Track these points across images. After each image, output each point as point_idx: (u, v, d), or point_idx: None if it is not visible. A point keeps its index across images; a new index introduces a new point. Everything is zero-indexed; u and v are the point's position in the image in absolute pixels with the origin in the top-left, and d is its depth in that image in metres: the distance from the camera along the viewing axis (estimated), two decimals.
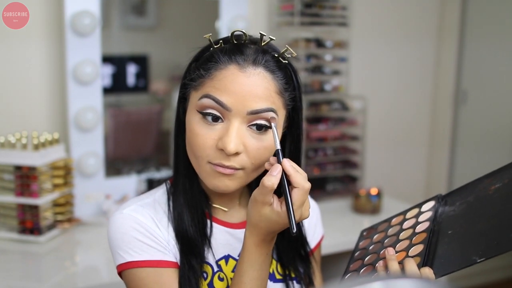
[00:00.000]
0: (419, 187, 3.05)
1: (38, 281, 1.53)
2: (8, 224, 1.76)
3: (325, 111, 2.35)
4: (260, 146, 0.80)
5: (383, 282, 0.51)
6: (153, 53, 2.43)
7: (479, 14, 2.81)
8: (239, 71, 0.79)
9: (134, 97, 2.53)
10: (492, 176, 0.90)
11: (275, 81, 0.81)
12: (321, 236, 1.05)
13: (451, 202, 0.92)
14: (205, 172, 0.82)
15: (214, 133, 0.79)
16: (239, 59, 0.79)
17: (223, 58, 0.80)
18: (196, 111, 0.81)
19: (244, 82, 0.78)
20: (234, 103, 0.78)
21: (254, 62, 0.80)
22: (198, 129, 0.80)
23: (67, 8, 1.88)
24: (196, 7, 2.46)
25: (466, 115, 2.91)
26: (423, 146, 3.02)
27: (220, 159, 0.79)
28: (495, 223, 0.76)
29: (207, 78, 0.80)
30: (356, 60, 2.58)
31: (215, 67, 0.80)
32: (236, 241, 0.91)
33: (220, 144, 0.78)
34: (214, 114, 0.79)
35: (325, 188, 2.36)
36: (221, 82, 0.78)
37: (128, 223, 0.84)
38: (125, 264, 0.83)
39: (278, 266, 0.93)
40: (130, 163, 2.43)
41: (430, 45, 2.92)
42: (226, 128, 0.79)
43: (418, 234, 0.87)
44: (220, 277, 0.88)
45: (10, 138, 1.74)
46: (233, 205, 0.94)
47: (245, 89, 0.78)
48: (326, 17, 2.33)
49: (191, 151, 0.83)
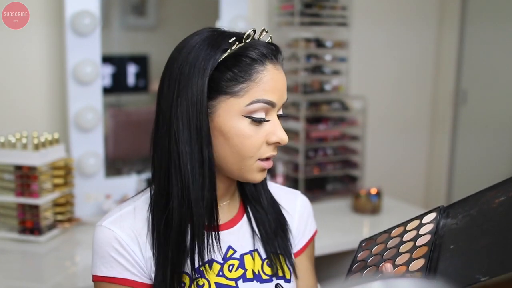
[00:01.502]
0: (419, 187, 3.05)
1: (38, 281, 1.53)
2: (8, 224, 1.76)
3: (325, 111, 2.35)
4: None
5: (383, 282, 0.51)
6: (153, 53, 2.43)
7: (479, 15, 2.81)
8: (275, 68, 0.84)
9: (134, 97, 2.53)
10: (495, 188, 0.87)
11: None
12: (313, 231, 1.05)
13: (453, 214, 0.90)
14: (252, 169, 0.85)
15: (262, 132, 0.84)
16: (271, 57, 0.84)
17: (260, 59, 0.82)
18: (242, 117, 0.81)
19: (280, 77, 0.84)
20: (278, 99, 0.84)
21: (277, 58, 0.85)
22: (248, 132, 0.82)
23: (67, 8, 1.88)
24: (196, 7, 2.46)
25: (466, 115, 2.91)
26: (423, 146, 3.02)
27: (271, 152, 0.85)
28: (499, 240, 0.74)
29: (251, 83, 0.81)
30: (356, 60, 2.58)
31: (256, 70, 0.81)
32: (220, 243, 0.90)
33: (275, 138, 0.84)
34: (263, 118, 0.83)
35: (325, 188, 2.36)
36: (268, 83, 0.82)
37: (104, 238, 0.85)
38: (95, 276, 0.87)
39: (265, 265, 0.92)
40: (130, 163, 2.43)
41: (430, 45, 2.92)
42: (272, 123, 0.84)
43: (419, 248, 0.85)
44: (199, 284, 0.86)
45: (10, 138, 1.74)
46: (229, 197, 0.95)
47: (281, 84, 0.84)
48: (326, 17, 2.33)
49: (239, 154, 0.82)
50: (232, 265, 0.90)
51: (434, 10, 2.89)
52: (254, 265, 0.91)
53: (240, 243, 0.92)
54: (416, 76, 2.91)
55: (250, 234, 0.94)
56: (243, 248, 0.92)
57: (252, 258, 0.92)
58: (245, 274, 0.90)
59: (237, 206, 0.96)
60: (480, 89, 2.84)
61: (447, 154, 2.96)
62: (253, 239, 0.93)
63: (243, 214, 0.96)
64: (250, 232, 0.94)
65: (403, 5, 2.79)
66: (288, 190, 1.05)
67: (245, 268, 0.90)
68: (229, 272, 0.89)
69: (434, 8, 2.89)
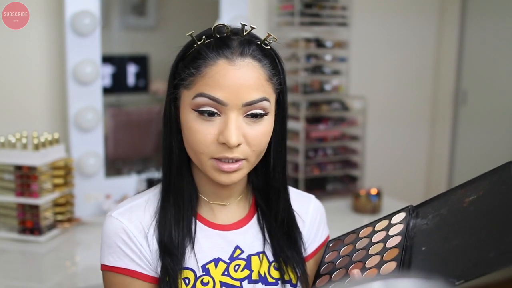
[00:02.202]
0: (419, 187, 3.05)
1: (38, 281, 1.53)
2: (8, 224, 1.76)
3: (325, 111, 2.35)
4: (258, 133, 0.81)
5: (383, 282, 0.51)
6: (153, 53, 2.43)
7: (479, 15, 2.81)
8: (229, 64, 0.79)
9: (134, 97, 2.53)
10: (466, 187, 0.85)
11: (263, 69, 0.82)
12: (325, 237, 1.03)
13: (423, 214, 0.87)
14: (209, 167, 0.82)
15: (213, 128, 0.80)
16: (226, 52, 0.80)
17: (211, 54, 0.80)
18: (191, 110, 0.81)
19: (235, 75, 0.79)
20: (229, 97, 0.78)
21: (242, 54, 0.80)
22: (196, 126, 0.80)
23: (67, 8, 1.88)
24: (196, 7, 2.46)
25: (466, 115, 2.91)
26: (423, 146, 3.02)
27: (223, 152, 0.80)
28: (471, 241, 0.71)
29: (197, 76, 0.80)
30: (356, 60, 2.58)
31: (204, 64, 0.80)
32: (227, 243, 0.90)
33: (222, 138, 0.79)
34: (210, 110, 0.79)
35: (325, 188, 2.36)
36: (213, 78, 0.79)
37: (113, 228, 0.87)
38: (103, 265, 0.88)
39: (272, 268, 0.91)
40: (130, 163, 2.43)
41: (430, 45, 2.92)
42: (224, 122, 0.79)
43: (389, 250, 0.82)
44: (204, 281, 0.86)
45: (10, 138, 1.74)
46: (232, 200, 0.93)
47: (238, 82, 0.79)
48: (326, 17, 2.33)
49: (191, 149, 0.83)
50: (238, 265, 0.89)
51: (434, 10, 2.89)
52: (261, 267, 0.90)
53: (248, 244, 0.91)
54: (416, 76, 2.91)
55: (260, 236, 0.92)
56: (251, 249, 0.91)
57: (260, 260, 0.91)
58: (250, 275, 0.89)
59: (247, 207, 0.95)
60: (480, 89, 2.84)
61: (447, 154, 2.96)
62: (262, 241, 0.92)
63: (253, 215, 0.94)
64: (260, 234, 0.93)
65: (403, 5, 2.79)
66: (302, 194, 1.03)
67: (251, 269, 0.90)
68: (235, 272, 0.89)
69: (434, 8, 2.89)
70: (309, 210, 1.00)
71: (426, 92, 2.96)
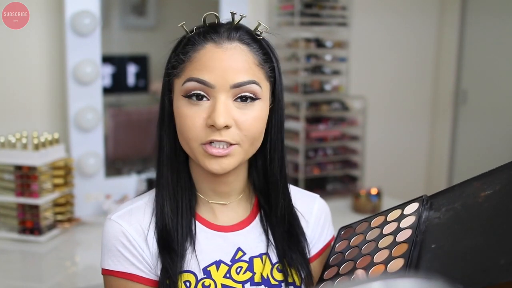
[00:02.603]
0: (419, 187, 3.05)
1: (38, 281, 1.53)
2: (8, 224, 1.76)
3: (325, 111, 2.35)
4: (249, 117, 0.80)
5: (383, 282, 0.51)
6: (153, 53, 2.43)
7: (479, 15, 2.81)
8: (216, 47, 0.80)
9: (134, 97, 2.53)
10: (482, 179, 0.82)
11: (252, 53, 0.82)
12: (330, 237, 1.02)
13: (437, 206, 0.86)
14: (199, 154, 0.81)
15: (202, 112, 0.79)
16: (214, 36, 0.81)
17: (199, 40, 0.81)
18: (182, 97, 0.81)
19: (222, 57, 0.79)
20: (216, 79, 0.78)
21: (229, 37, 0.81)
22: (186, 111, 0.80)
23: (67, 8, 1.88)
24: (196, 7, 2.46)
25: (466, 115, 2.91)
26: (423, 146, 3.02)
27: (212, 135, 0.79)
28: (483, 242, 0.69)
29: (187, 62, 0.81)
30: (356, 60, 2.58)
31: (193, 49, 0.81)
32: (228, 245, 0.89)
33: (210, 121, 0.78)
34: (198, 93, 0.79)
35: (325, 188, 2.36)
36: (200, 62, 0.80)
37: (112, 232, 0.86)
38: (103, 269, 0.87)
39: (275, 270, 0.90)
40: (130, 163, 2.43)
41: (430, 45, 2.92)
42: (213, 105, 0.79)
43: (398, 245, 0.81)
44: (205, 284, 0.85)
45: (10, 138, 1.74)
46: (233, 199, 0.91)
47: (224, 64, 0.79)
48: (326, 17, 2.33)
49: (183, 137, 0.82)
50: (240, 268, 0.88)
51: (434, 10, 2.89)
52: (264, 269, 0.89)
53: (250, 245, 0.89)
54: (416, 76, 2.91)
55: (263, 237, 0.91)
56: (253, 251, 0.89)
57: (262, 262, 0.89)
58: (253, 278, 0.88)
59: (250, 208, 0.93)
60: (480, 89, 2.84)
61: (447, 154, 2.96)
62: (265, 243, 0.90)
63: (255, 216, 0.92)
64: (263, 235, 0.91)
65: (403, 5, 2.79)
66: (306, 194, 1.01)
67: (253, 272, 0.88)
68: (237, 275, 0.87)
69: (434, 8, 2.89)
70: (313, 210, 0.98)
71: (426, 92, 2.96)
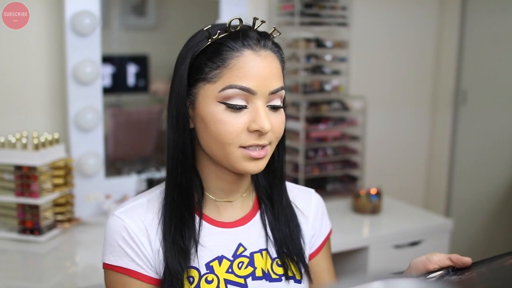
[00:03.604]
0: (419, 187, 3.05)
1: (38, 281, 1.53)
2: (8, 224, 1.76)
3: (325, 111, 2.35)
4: (280, 121, 0.86)
5: (383, 282, 0.51)
6: (153, 53, 2.43)
7: (479, 15, 2.81)
8: (255, 54, 0.82)
9: (134, 97, 2.53)
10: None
11: (279, 60, 0.87)
12: (329, 230, 1.04)
13: (461, 272, 0.82)
14: (237, 157, 0.83)
15: (242, 118, 0.82)
16: (251, 43, 0.83)
17: (236, 46, 0.82)
18: (217, 102, 0.82)
19: (261, 64, 0.82)
20: (258, 86, 0.82)
21: (264, 45, 0.84)
22: (226, 117, 0.82)
23: (67, 8, 1.88)
24: (196, 7, 2.46)
25: (466, 115, 2.91)
26: (423, 146, 3.02)
27: (253, 140, 0.83)
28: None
29: (223, 69, 0.82)
30: (356, 60, 2.58)
31: (231, 56, 0.82)
32: (230, 241, 0.91)
33: (255, 126, 0.82)
34: (241, 105, 0.82)
35: (325, 188, 2.36)
36: (242, 69, 0.81)
37: (115, 227, 0.88)
38: (104, 263, 0.89)
39: (275, 265, 0.92)
40: (130, 163, 2.43)
41: (430, 45, 2.92)
42: (254, 111, 0.82)
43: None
44: (208, 279, 0.87)
45: (10, 138, 1.74)
46: (238, 196, 0.94)
47: (265, 71, 0.82)
48: (326, 17, 2.32)
49: (218, 141, 0.83)
50: (241, 263, 0.90)
51: (434, 10, 2.89)
52: (264, 264, 0.91)
53: (251, 241, 0.92)
54: (416, 76, 2.91)
55: (262, 233, 0.93)
56: (254, 246, 0.92)
57: (262, 257, 0.92)
58: (254, 272, 0.90)
59: (251, 204, 0.96)
60: (480, 89, 2.84)
61: (447, 154, 2.96)
62: (264, 238, 0.93)
63: (256, 212, 0.95)
64: (262, 231, 0.94)
65: (403, 5, 2.79)
66: (302, 189, 1.04)
67: (254, 267, 0.91)
68: (239, 270, 0.89)
69: (434, 8, 2.89)
70: (311, 205, 1.01)
71: (426, 92, 2.96)
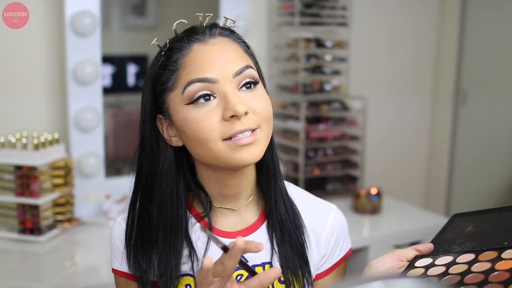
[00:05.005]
0: (419, 187, 3.05)
1: (38, 281, 1.53)
2: (8, 224, 1.76)
3: (325, 111, 2.35)
4: (259, 100, 0.81)
5: (383, 282, 0.51)
6: (153, 53, 2.42)
7: (479, 15, 2.81)
8: (203, 45, 0.80)
9: (134, 97, 2.53)
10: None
11: (236, 43, 0.83)
12: (345, 252, 0.96)
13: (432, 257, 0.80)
14: (224, 152, 0.78)
15: (213, 110, 0.78)
16: (197, 37, 0.81)
17: (183, 44, 0.81)
18: (185, 105, 0.79)
19: (213, 52, 0.80)
20: (217, 73, 0.78)
21: (211, 34, 0.82)
22: (196, 115, 0.78)
23: (67, 8, 1.88)
24: (196, 7, 2.46)
25: (466, 115, 2.91)
26: (423, 146, 3.02)
27: (233, 127, 0.77)
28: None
29: (179, 70, 0.80)
30: (356, 60, 2.58)
31: (181, 55, 0.80)
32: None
33: (228, 113, 0.76)
34: (205, 93, 0.78)
35: (325, 188, 2.36)
36: (194, 63, 0.79)
37: (115, 232, 0.89)
38: (112, 268, 0.91)
39: (276, 281, 0.86)
40: (130, 163, 2.43)
41: (430, 45, 2.92)
42: (223, 98, 0.78)
43: None
44: None
45: (10, 138, 1.74)
46: (241, 203, 0.89)
47: (219, 57, 0.79)
48: (326, 17, 2.32)
49: (200, 142, 0.79)
50: (240, 275, 0.86)
51: (434, 10, 2.89)
52: None
53: (253, 253, 0.85)
54: (416, 76, 2.91)
55: (268, 245, 0.88)
56: (256, 260, 0.87)
57: (264, 271, 0.85)
58: None
59: (257, 214, 0.91)
60: (480, 89, 2.84)
61: (447, 154, 2.96)
62: (270, 251, 0.88)
63: (262, 222, 0.90)
64: (268, 243, 0.88)
65: (403, 5, 2.79)
66: (322, 203, 0.97)
67: None
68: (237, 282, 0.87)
69: (434, 8, 2.89)
70: (327, 222, 0.93)
71: (426, 92, 2.96)
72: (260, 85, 0.83)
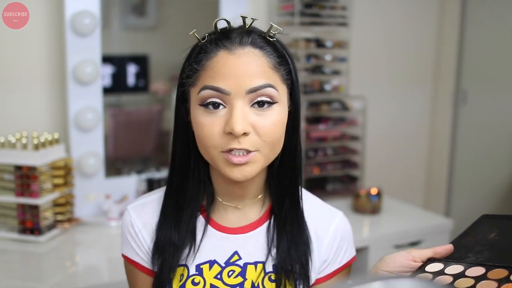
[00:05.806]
0: (419, 187, 3.05)
1: (38, 281, 1.53)
2: (8, 224, 1.76)
3: (325, 111, 2.35)
4: (268, 122, 0.79)
5: (383, 282, 0.51)
6: (153, 53, 2.43)
7: (479, 15, 2.81)
8: (229, 54, 0.79)
9: (134, 97, 2.53)
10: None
11: (266, 57, 0.81)
12: (348, 259, 0.96)
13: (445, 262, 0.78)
14: (220, 162, 0.80)
15: (219, 120, 0.78)
16: (226, 43, 0.80)
17: (211, 47, 0.80)
18: (198, 106, 0.80)
19: (235, 63, 0.78)
20: (231, 85, 0.77)
21: (241, 43, 0.80)
22: (203, 120, 0.79)
23: (67, 8, 1.88)
24: (196, 7, 2.46)
25: (466, 115, 2.91)
26: (423, 146, 3.02)
27: (231, 144, 0.77)
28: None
29: (201, 71, 0.80)
30: (356, 60, 2.58)
31: (206, 58, 0.80)
32: (226, 246, 0.88)
33: (227, 128, 0.77)
34: (214, 101, 0.78)
35: (325, 188, 2.36)
36: (214, 70, 0.79)
37: (125, 221, 0.93)
38: (122, 253, 0.95)
39: (266, 279, 0.87)
40: (130, 163, 2.43)
41: (430, 45, 2.92)
42: (229, 112, 0.78)
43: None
44: (195, 281, 0.86)
45: (10, 138, 1.74)
46: (247, 202, 0.90)
47: (238, 70, 0.78)
48: (326, 17, 2.33)
49: (202, 145, 0.81)
50: (232, 271, 0.87)
51: (434, 10, 2.89)
52: (256, 277, 0.87)
53: (248, 251, 0.88)
54: (416, 76, 2.91)
55: (264, 245, 0.88)
56: (250, 257, 0.88)
57: (255, 270, 0.87)
58: (243, 284, 0.86)
59: (261, 213, 0.91)
60: (480, 89, 2.84)
61: (447, 154, 2.96)
62: (265, 251, 0.88)
63: (264, 221, 0.91)
64: (265, 243, 0.89)
65: (403, 5, 2.79)
66: (328, 209, 0.97)
67: (245, 278, 0.87)
68: (228, 278, 0.87)
69: (434, 8, 2.89)
70: (330, 228, 0.93)
71: (426, 92, 2.96)
72: (277, 106, 0.80)
